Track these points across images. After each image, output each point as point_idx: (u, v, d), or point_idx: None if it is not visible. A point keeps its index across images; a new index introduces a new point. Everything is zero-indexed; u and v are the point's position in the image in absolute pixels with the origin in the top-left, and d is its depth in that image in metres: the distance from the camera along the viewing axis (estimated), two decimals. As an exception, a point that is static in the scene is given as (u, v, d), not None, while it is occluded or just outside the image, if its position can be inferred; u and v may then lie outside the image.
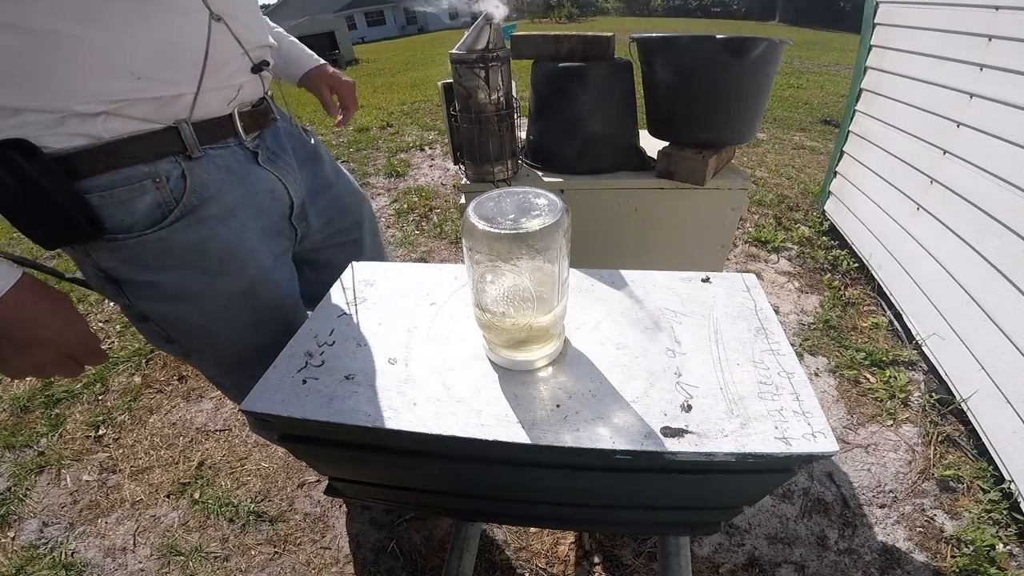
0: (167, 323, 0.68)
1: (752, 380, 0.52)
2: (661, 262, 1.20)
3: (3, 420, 1.62)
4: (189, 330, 0.70)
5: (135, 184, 0.56)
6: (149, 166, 0.57)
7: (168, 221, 0.59)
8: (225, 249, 0.65)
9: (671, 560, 0.78)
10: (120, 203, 0.56)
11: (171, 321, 0.68)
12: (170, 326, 0.68)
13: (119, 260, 0.59)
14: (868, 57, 2.14)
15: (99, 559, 1.21)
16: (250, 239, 0.68)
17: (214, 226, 0.63)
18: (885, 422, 1.44)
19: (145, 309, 0.65)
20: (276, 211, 0.72)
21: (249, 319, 0.72)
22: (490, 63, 0.91)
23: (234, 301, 0.69)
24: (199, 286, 0.65)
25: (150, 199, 0.58)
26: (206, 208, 0.62)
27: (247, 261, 0.68)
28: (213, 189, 0.63)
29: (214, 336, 0.71)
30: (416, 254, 2.47)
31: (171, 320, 0.68)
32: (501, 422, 0.49)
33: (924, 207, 1.70)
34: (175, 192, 0.59)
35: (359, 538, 1.22)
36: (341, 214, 0.88)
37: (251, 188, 0.67)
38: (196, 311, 0.67)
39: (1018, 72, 1.35)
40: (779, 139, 3.94)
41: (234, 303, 0.69)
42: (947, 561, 1.10)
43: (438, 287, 0.72)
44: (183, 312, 0.67)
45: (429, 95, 6.19)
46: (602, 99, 1.08)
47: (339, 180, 0.88)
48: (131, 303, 0.64)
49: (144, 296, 0.64)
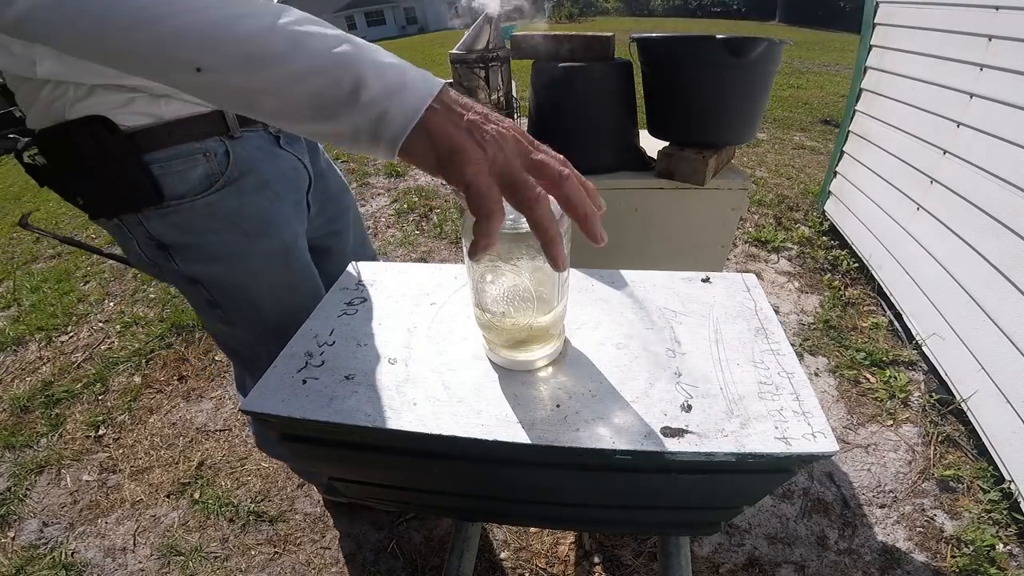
0: (212, 284, 0.73)
1: (752, 380, 0.52)
2: (661, 262, 1.20)
3: (3, 420, 1.62)
4: (233, 291, 0.75)
5: (189, 157, 0.64)
6: (200, 143, 0.64)
7: (215, 189, 0.67)
8: (260, 214, 0.72)
9: (671, 560, 0.78)
10: (176, 173, 0.63)
11: (216, 282, 0.73)
12: (215, 288, 0.74)
13: (170, 225, 0.66)
14: (868, 57, 2.14)
15: (99, 559, 1.21)
16: (283, 208, 0.75)
17: (251, 194, 0.71)
18: (885, 422, 1.44)
19: (194, 271, 0.71)
20: (299, 186, 0.79)
21: (285, 280, 0.78)
22: (490, 63, 0.91)
23: (271, 261, 0.75)
24: (239, 245, 0.71)
25: (201, 170, 0.65)
26: (245, 179, 0.70)
27: (281, 226, 0.75)
28: (251, 164, 0.70)
29: (255, 297, 0.77)
30: (416, 254, 2.47)
31: (216, 281, 0.73)
32: (501, 422, 0.49)
33: (924, 207, 1.70)
34: (220, 165, 0.67)
35: (359, 538, 1.22)
36: (331, 201, 0.92)
37: (282, 165, 0.75)
38: (239, 271, 0.73)
39: (1018, 72, 1.35)
40: (779, 139, 3.94)
41: (271, 263, 0.75)
42: (947, 561, 1.10)
43: (438, 287, 0.72)
44: (227, 273, 0.73)
45: (429, 95, 6.19)
46: (602, 99, 1.08)
47: (330, 171, 0.93)
48: (179, 267, 0.70)
49: (192, 258, 0.70)
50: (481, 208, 0.35)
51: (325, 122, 0.36)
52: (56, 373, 1.83)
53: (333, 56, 0.35)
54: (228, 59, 0.34)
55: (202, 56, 0.33)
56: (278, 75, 0.34)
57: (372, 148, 0.37)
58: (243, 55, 0.34)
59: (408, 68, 0.37)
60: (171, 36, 0.33)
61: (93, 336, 2.03)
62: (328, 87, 0.35)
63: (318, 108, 0.35)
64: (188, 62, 0.34)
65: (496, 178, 0.35)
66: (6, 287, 2.43)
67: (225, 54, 0.34)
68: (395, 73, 0.36)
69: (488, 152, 0.35)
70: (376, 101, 0.35)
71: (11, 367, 1.88)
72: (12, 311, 2.25)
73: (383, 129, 0.35)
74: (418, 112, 0.35)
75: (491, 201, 0.35)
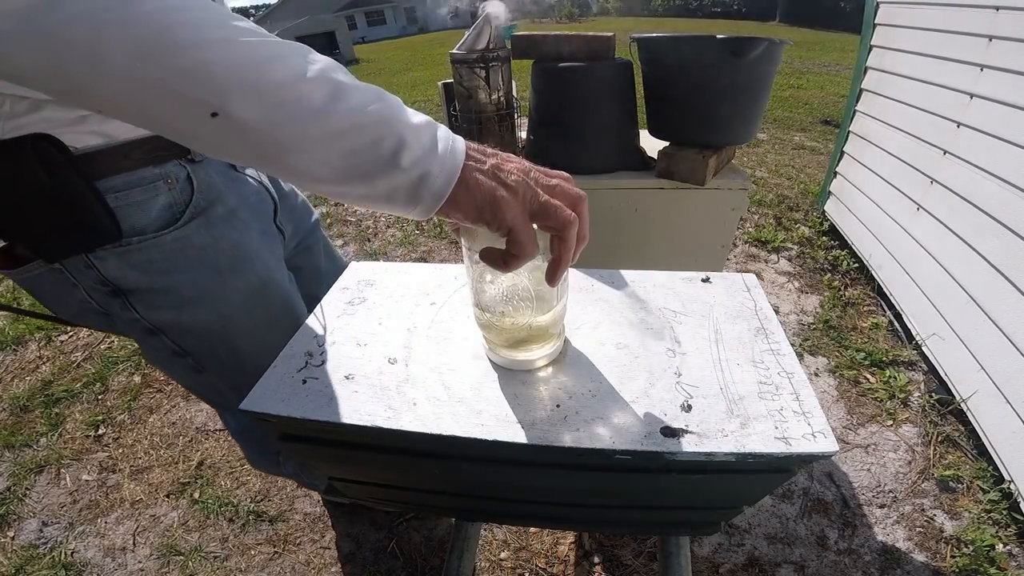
0: (181, 332, 0.65)
1: (752, 380, 0.52)
2: (661, 262, 1.20)
3: (3, 420, 1.62)
4: (206, 337, 0.67)
5: (149, 185, 0.56)
6: (160, 168, 0.57)
7: (182, 222, 0.59)
8: (233, 247, 0.65)
9: (671, 560, 0.78)
10: (135, 204, 0.55)
11: (186, 329, 0.65)
12: (184, 335, 0.66)
13: (130, 266, 0.57)
14: (868, 57, 2.14)
15: (99, 559, 1.21)
16: (253, 239, 0.69)
17: (221, 226, 0.64)
18: (885, 422, 1.44)
19: (157, 320, 0.62)
20: (264, 213, 0.73)
21: (265, 318, 0.72)
22: (490, 63, 0.91)
23: (249, 299, 0.69)
24: (213, 285, 0.64)
25: (163, 200, 0.58)
26: (214, 209, 0.63)
27: (254, 259, 0.69)
28: (216, 191, 0.63)
29: (234, 340, 0.69)
30: (416, 254, 2.47)
31: (186, 327, 0.65)
32: (501, 422, 0.49)
33: (924, 207, 1.70)
34: (184, 194, 0.60)
35: (359, 538, 1.22)
36: (299, 220, 0.88)
37: (243, 190, 0.68)
38: (213, 313, 0.66)
39: (1018, 72, 1.35)
40: (779, 139, 3.94)
41: (249, 302, 0.69)
42: (947, 561, 1.10)
43: (438, 287, 0.72)
44: (199, 317, 0.65)
45: (429, 95, 6.19)
46: (602, 99, 1.07)
47: (291, 191, 0.88)
48: (141, 315, 0.61)
49: (156, 304, 0.61)
50: (522, 249, 0.37)
51: (359, 184, 0.34)
52: (56, 372, 1.83)
53: (372, 113, 0.32)
54: (255, 106, 0.29)
55: (222, 99, 0.29)
56: (314, 130, 0.31)
57: (407, 208, 0.36)
58: (275, 103, 0.30)
59: (434, 125, 0.36)
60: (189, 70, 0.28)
61: (93, 335, 2.03)
62: (367, 147, 0.32)
63: (353, 168, 0.33)
64: (203, 104, 0.29)
65: (531, 216, 0.37)
66: (5, 286, 2.43)
67: (253, 100, 0.29)
68: (429, 132, 0.35)
69: (519, 194, 0.36)
70: (419, 162, 0.33)
71: (11, 367, 1.88)
72: (12, 311, 2.25)
73: (424, 190, 0.34)
74: (458, 170, 0.35)
75: (530, 243, 0.37)
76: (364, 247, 2.57)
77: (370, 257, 2.48)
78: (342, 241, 2.64)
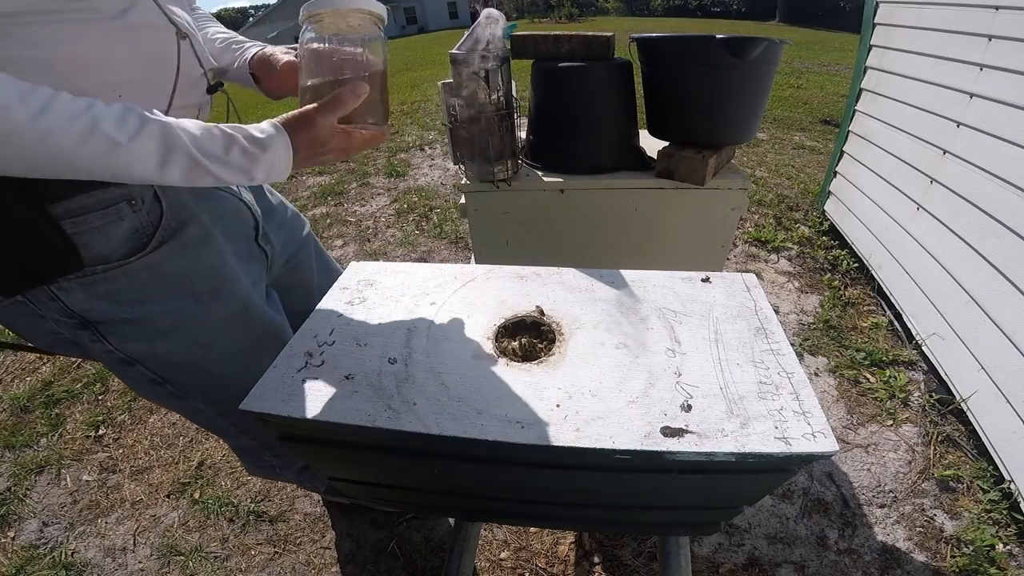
0: (157, 362, 0.62)
1: (752, 380, 0.52)
2: (661, 262, 1.20)
3: (3, 420, 1.62)
4: (184, 367, 0.64)
5: (110, 208, 0.51)
6: (121, 189, 0.52)
7: (151, 247, 0.56)
8: (211, 271, 0.62)
9: (671, 560, 0.78)
10: (96, 229, 0.51)
11: (162, 359, 0.62)
12: (161, 365, 0.63)
13: (97, 297, 0.53)
14: (868, 57, 2.14)
15: (99, 559, 1.21)
16: (229, 261, 0.66)
17: (196, 248, 0.61)
18: (885, 422, 1.44)
19: (131, 351, 0.59)
20: (242, 233, 0.70)
21: (246, 344, 0.69)
22: (490, 63, 0.91)
23: (230, 325, 0.66)
24: (190, 313, 0.61)
25: (128, 224, 0.53)
26: (187, 231, 0.59)
27: (233, 282, 0.66)
28: (188, 211, 0.59)
29: (214, 368, 0.67)
30: (416, 254, 2.47)
31: (161, 358, 0.62)
32: (501, 422, 0.49)
33: (924, 207, 1.70)
34: (152, 215, 0.55)
35: (359, 538, 1.22)
36: (291, 233, 0.85)
37: (218, 210, 0.65)
38: (191, 342, 0.63)
39: (1018, 72, 1.35)
40: (779, 139, 3.94)
41: (230, 328, 0.66)
42: (947, 561, 1.10)
43: (438, 287, 0.72)
44: (176, 346, 0.61)
45: (429, 95, 6.19)
46: (602, 99, 1.08)
47: (280, 203, 0.86)
48: (113, 347, 0.58)
49: (129, 335, 0.57)
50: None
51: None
52: (56, 373, 1.83)
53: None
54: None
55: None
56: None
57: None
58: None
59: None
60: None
61: (93, 336, 2.03)
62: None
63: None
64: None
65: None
66: None
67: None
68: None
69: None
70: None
71: (11, 367, 1.88)
72: (12, 311, 2.25)
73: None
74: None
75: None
76: (364, 247, 2.57)
77: (370, 257, 2.48)
78: (342, 241, 2.64)
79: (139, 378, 0.64)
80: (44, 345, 0.60)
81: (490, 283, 0.72)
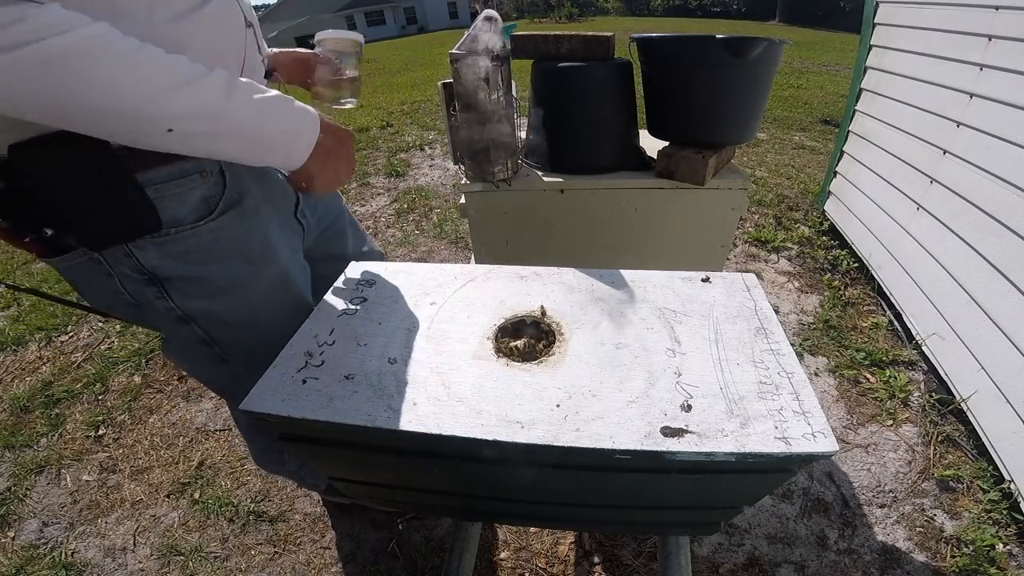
0: (211, 320, 0.68)
1: (752, 380, 0.52)
2: (661, 262, 1.20)
3: (3, 420, 1.62)
4: (235, 327, 0.70)
5: (186, 178, 0.58)
6: (194, 161, 0.58)
7: (216, 213, 0.62)
8: (263, 239, 0.68)
9: (671, 560, 0.78)
10: (174, 196, 0.58)
11: (216, 317, 0.68)
12: (215, 324, 0.69)
13: (168, 256, 0.60)
14: (868, 57, 2.14)
15: (99, 559, 1.21)
16: (274, 232, 0.71)
17: (252, 217, 0.67)
18: (885, 422, 1.44)
19: (192, 307, 0.65)
20: (286, 207, 0.76)
21: (288, 307, 0.75)
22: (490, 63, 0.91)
23: (275, 289, 0.72)
24: (245, 275, 0.67)
25: (199, 193, 0.60)
26: (245, 201, 0.65)
27: (279, 250, 0.72)
28: (246, 185, 0.66)
29: (260, 329, 0.72)
30: (416, 254, 2.47)
31: (217, 316, 0.68)
32: (501, 422, 0.49)
33: (924, 207, 1.70)
34: (218, 187, 0.62)
35: (359, 538, 1.22)
36: (326, 208, 0.90)
37: (268, 184, 0.71)
38: (243, 303, 0.69)
39: (1018, 72, 1.35)
40: (779, 139, 3.94)
41: (275, 291, 0.72)
42: (947, 561, 1.10)
43: (438, 287, 0.72)
44: (230, 306, 0.68)
45: (429, 95, 6.19)
46: (602, 99, 1.08)
47: None
48: (175, 304, 0.64)
49: (191, 293, 0.64)
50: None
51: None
52: (56, 373, 1.83)
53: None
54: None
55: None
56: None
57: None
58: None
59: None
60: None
61: (93, 336, 2.03)
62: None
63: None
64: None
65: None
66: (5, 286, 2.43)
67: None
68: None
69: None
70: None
71: (11, 367, 1.88)
72: (12, 311, 2.24)
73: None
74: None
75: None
76: (364, 247, 2.57)
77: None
78: (342, 241, 2.64)
79: (191, 337, 0.69)
80: (102, 306, 0.65)
81: (490, 283, 0.72)
